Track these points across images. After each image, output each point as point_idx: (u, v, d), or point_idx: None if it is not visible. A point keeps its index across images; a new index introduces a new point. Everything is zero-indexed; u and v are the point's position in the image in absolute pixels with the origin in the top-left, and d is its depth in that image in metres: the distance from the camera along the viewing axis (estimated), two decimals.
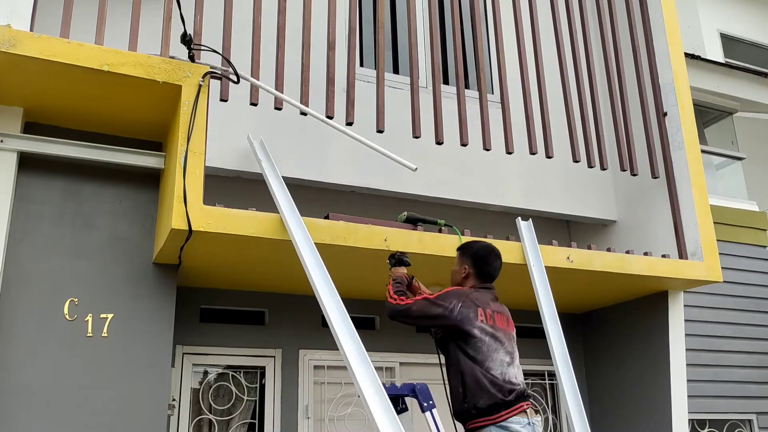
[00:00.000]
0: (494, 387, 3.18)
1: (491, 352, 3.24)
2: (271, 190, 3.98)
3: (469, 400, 3.19)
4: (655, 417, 5.22)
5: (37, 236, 3.84)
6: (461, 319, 3.25)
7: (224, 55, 3.99)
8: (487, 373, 3.20)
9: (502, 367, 3.24)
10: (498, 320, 3.36)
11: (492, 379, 3.19)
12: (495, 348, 3.26)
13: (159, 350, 3.91)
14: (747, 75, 8.02)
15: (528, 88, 4.96)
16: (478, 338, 3.24)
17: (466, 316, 3.26)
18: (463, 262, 3.56)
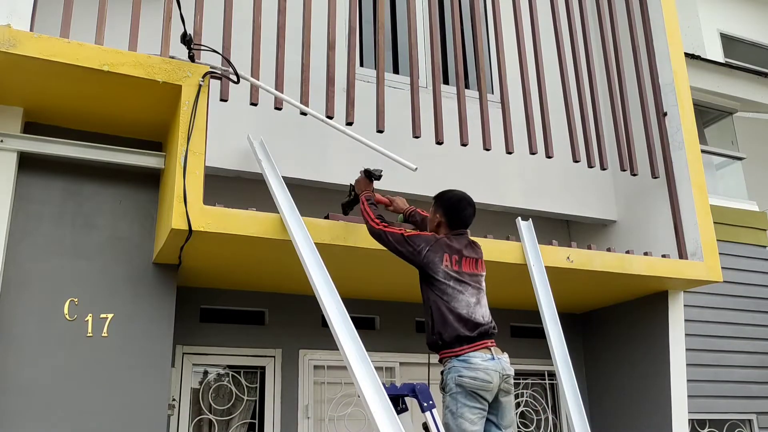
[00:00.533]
0: (459, 322, 3.39)
1: (456, 293, 3.45)
2: (271, 190, 3.98)
3: (436, 332, 3.43)
4: (655, 417, 5.22)
5: (37, 236, 3.84)
6: (426, 263, 3.46)
7: (224, 55, 3.99)
8: (452, 310, 3.41)
9: (468, 307, 3.45)
10: (465, 264, 3.55)
11: (457, 316, 3.40)
12: (460, 290, 3.46)
13: (159, 350, 3.91)
14: (747, 75, 8.02)
15: (528, 88, 4.96)
16: (442, 281, 3.44)
17: (431, 260, 3.45)
18: (436, 211, 3.70)
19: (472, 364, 3.32)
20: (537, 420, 5.77)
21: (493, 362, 3.36)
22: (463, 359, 3.33)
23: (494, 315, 5.73)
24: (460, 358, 3.34)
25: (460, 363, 3.33)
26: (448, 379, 3.34)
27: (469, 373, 3.30)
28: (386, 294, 5.18)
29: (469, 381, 3.29)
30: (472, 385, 3.29)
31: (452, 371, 3.34)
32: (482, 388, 3.31)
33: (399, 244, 3.51)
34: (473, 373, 3.30)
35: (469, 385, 3.29)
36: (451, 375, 3.33)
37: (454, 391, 3.31)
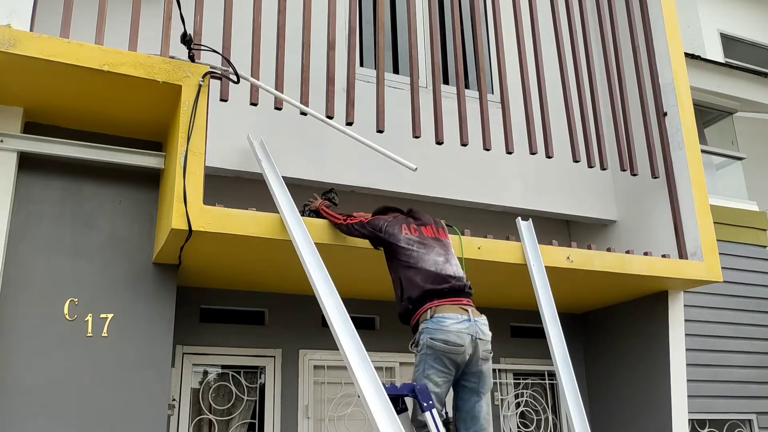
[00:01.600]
0: (427, 279, 3.49)
1: (421, 255, 3.57)
2: (271, 190, 3.98)
3: (405, 297, 3.53)
4: (655, 417, 5.22)
5: (37, 236, 3.84)
6: (388, 236, 3.66)
7: (224, 55, 3.99)
8: (420, 269, 3.52)
9: (436, 265, 3.55)
10: (425, 231, 3.73)
11: (425, 273, 3.51)
12: (424, 252, 3.59)
13: (159, 350, 3.91)
14: (747, 75, 8.02)
15: (528, 88, 4.96)
16: (405, 247, 3.60)
17: (392, 233, 3.66)
18: (387, 212, 3.93)
19: (444, 326, 3.37)
20: (537, 420, 5.77)
21: (467, 324, 3.42)
22: (437, 320, 3.38)
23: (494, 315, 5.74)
24: (433, 318, 3.39)
25: (432, 324, 3.39)
26: (419, 339, 3.42)
27: (440, 335, 3.36)
28: (386, 294, 5.15)
29: (440, 344, 3.35)
30: (443, 348, 3.36)
31: (425, 332, 3.40)
32: (452, 352, 3.37)
33: (362, 228, 3.76)
34: (444, 335, 3.36)
35: (440, 348, 3.36)
36: (423, 336, 3.40)
37: (424, 352, 3.39)
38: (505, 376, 5.77)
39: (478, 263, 4.42)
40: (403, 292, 3.55)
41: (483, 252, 4.42)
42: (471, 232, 4.53)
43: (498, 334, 5.80)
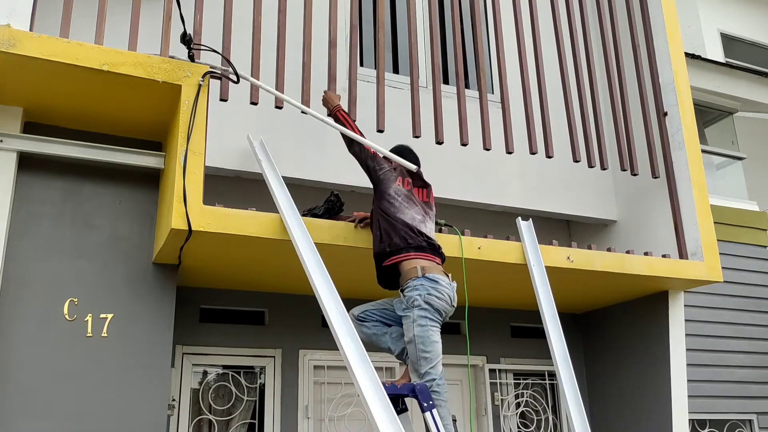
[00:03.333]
0: (405, 228, 3.70)
1: (403, 207, 3.77)
2: (271, 190, 3.98)
3: (385, 240, 3.72)
4: (656, 417, 5.22)
5: (37, 236, 3.84)
6: (382, 179, 3.83)
7: (224, 55, 3.99)
8: (398, 219, 3.73)
9: (413, 221, 3.75)
10: (416, 192, 3.91)
11: (403, 223, 3.71)
12: (406, 206, 3.79)
13: (159, 350, 3.91)
14: (747, 75, 8.02)
15: (528, 88, 4.96)
16: (392, 195, 3.78)
17: (387, 178, 3.84)
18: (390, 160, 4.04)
19: (439, 284, 3.61)
20: (537, 420, 5.77)
21: (452, 287, 3.69)
22: (432, 279, 3.60)
23: (494, 315, 5.77)
24: (426, 277, 3.60)
25: (428, 282, 3.59)
26: (416, 296, 3.57)
27: (436, 293, 3.58)
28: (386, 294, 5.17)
29: (436, 300, 3.57)
30: (438, 304, 3.58)
31: (420, 288, 3.57)
32: (443, 308, 3.62)
33: (369, 159, 3.89)
34: (439, 293, 3.59)
35: (436, 304, 3.58)
36: (420, 292, 3.56)
37: (423, 307, 3.55)
38: (505, 376, 5.77)
39: (478, 263, 4.42)
40: (382, 235, 3.74)
41: (483, 252, 4.42)
42: (471, 232, 4.53)
43: (498, 334, 5.84)
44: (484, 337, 5.59)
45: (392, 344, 3.78)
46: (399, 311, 3.72)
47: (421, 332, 3.53)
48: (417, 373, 3.55)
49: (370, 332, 3.81)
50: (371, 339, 3.80)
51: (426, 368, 3.51)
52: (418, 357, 3.52)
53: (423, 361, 3.51)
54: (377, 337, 3.81)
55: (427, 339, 3.53)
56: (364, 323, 3.82)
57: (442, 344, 3.61)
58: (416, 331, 3.54)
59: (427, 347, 3.52)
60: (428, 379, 3.51)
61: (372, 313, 3.84)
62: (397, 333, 3.76)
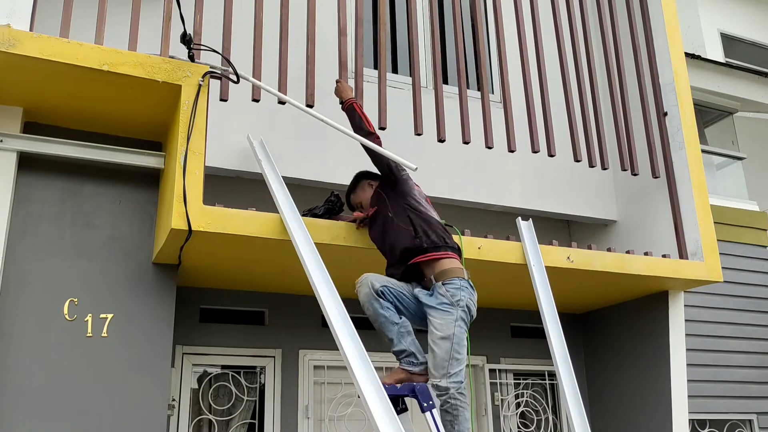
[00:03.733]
0: (441, 229, 3.73)
1: (430, 210, 3.85)
2: (271, 190, 3.98)
3: (421, 235, 3.66)
4: (656, 417, 5.22)
5: (37, 236, 3.84)
6: (407, 180, 3.90)
7: (224, 55, 3.99)
8: (431, 218, 3.75)
9: (438, 219, 3.80)
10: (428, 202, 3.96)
11: (437, 223, 3.75)
12: (428, 206, 3.87)
13: (159, 350, 3.91)
14: (747, 75, 8.02)
15: (529, 88, 4.96)
16: (417, 198, 3.84)
17: (408, 181, 3.92)
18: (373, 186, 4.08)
19: (475, 293, 3.64)
20: (537, 420, 5.77)
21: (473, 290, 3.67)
22: (473, 286, 3.64)
23: (494, 315, 5.77)
24: (467, 280, 3.62)
25: (471, 288, 3.62)
26: (462, 296, 3.55)
27: (474, 300, 3.62)
28: None
29: (473, 307, 3.60)
30: (473, 311, 3.62)
31: (466, 291, 3.57)
32: (473, 317, 3.64)
33: (392, 166, 3.86)
34: (475, 302, 3.63)
35: (473, 311, 3.61)
36: (465, 294, 3.55)
37: (464, 309, 3.54)
38: (505, 376, 5.77)
39: (478, 263, 4.42)
40: (416, 230, 3.67)
41: (483, 252, 4.42)
42: (471, 232, 4.53)
43: (498, 334, 5.84)
44: (484, 337, 5.59)
45: (396, 337, 3.64)
46: (427, 302, 3.57)
47: (460, 333, 3.50)
48: (442, 372, 3.44)
49: (382, 312, 3.59)
50: (379, 320, 3.60)
51: (456, 369, 3.45)
52: (451, 356, 3.45)
53: (455, 362, 3.46)
54: (385, 321, 3.60)
55: (462, 341, 3.50)
56: (382, 299, 3.60)
57: None
58: (456, 330, 3.49)
59: (461, 350, 3.49)
60: (456, 380, 3.44)
61: (391, 291, 3.63)
62: (406, 329, 3.66)
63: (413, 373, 3.60)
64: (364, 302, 3.64)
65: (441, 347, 3.47)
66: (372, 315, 3.62)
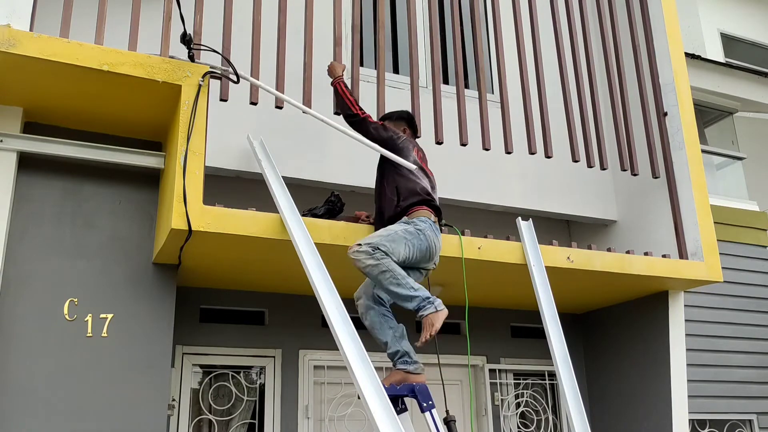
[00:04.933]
0: (424, 193, 3.86)
1: (420, 179, 3.91)
2: (271, 190, 3.98)
3: (402, 202, 3.82)
4: (656, 417, 5.22)
5: (37, 236, 3.84)
6: (403, 148, 3.96)
7: (224, 55, 3.99)
8: (417, 185, 3.87)
9: (426, 189, 3.90)
10: (423, 164, 4.06)
11: (422, 188, 3.87)
12: (422, 176, 3.94)
13: (159, 350, 3.91)
14: (747, 75, 8.02)
15: (528, 88, 4.96)
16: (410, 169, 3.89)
17: (406, 147, 3.98)
18: (400, 125, 4.22)
19: (436, 236, 3.76)
20: (537, 420, 5.77)
21: (434, 227, 3.79)
22: (436, 227, 3.78)
23: (494, 315, 5.77)
24: (433, 223, 3.76)
25: (432, 225, 3.75)
26: (417, 221, 3.71)
27: (434, 238, 3.72)
28: None
29: (430, 241, 3.69)
30: (429, 243, 3.69)
31: (424, 223, 3.71)
32: (429, 252, 3.73)
33: (377, 131, 3.97)
34: (433, 241, 3.71)
35: (428, 242, 3.69)
36: (422, 225, 3.70)
37: (415, 231, 3.66)
38: (505, 376, 5.77)
39: (478, 263, 4.42)
40: (399, 196, 3.83)
41: (483, 252, 4.42)
42: (471, 232, 4.53)
43: (498, 334, 5.84)
44: (484, 337, 5.59)
45: (391, 340, 3.71)
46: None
47: (399, 238, 3.60)
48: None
49: (379, 318, 3.74)
50: (376, 325, 3.74)
51: (373, 241, 3.56)
52: (381, 239, 3.57)
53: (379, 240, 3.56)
54: (382, 325, 3.74)
55: (397, 242, 3.58)
56: (383, 305, 3.78)
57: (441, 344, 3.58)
58: (398, 233, 3.62)
59: (393, 244, 3.56)
60: (369, 242, 3.55)
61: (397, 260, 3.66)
62: (401, 332, 3.74)
63: (409, 372, 3.63)
64: (361, 312, 3.79)
65: (380, 232, 3.68)
66: (371, 324, 3.74)
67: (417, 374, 3.64)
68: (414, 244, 3.65)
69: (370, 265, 3.51)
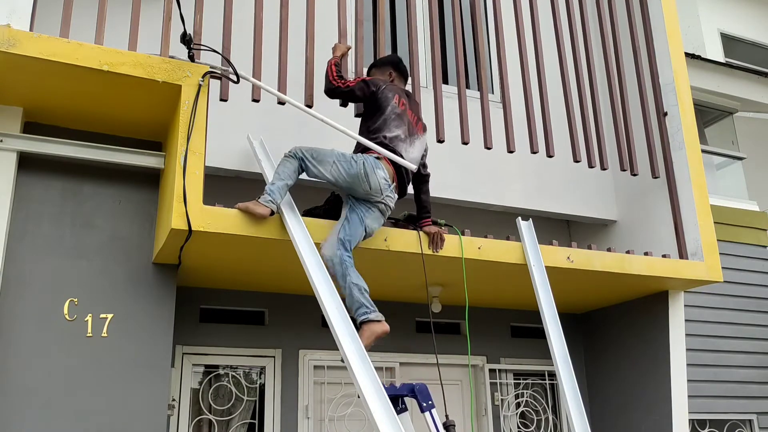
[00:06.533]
0: (390, 142, 3.92)
1: (392, 127, 3.97)
2: None
3: (360, 148, 3.95)
4: (656, 417, 5.22)
5: (37, 236, 3.84)
6: (382, 98, 4.04)
7: (224, 55, 3.99)
8: (386, 135, 3.93)
9: (397, 139, 3.96)
10: (409, 113, 4.14)
11: (384, 136, 3.92)
12: (396, 125, 3.99)
13: (159, 350, 3.91)
14: (747, 75, 8.02)
15: (528, 88, 4.96)
16: (387, 114, 4.00)
17: (386, 96, 4.05)
18: (386, 71, 4.33)
19: (378, 166, 3.81)
20: (537, 420, 5.77)
21: (391, 186, 3.87)
22: (376, 161, 3.82)
23: (494, 315, 5.77)
24: (375, 157, 3.83)
25: (372, 159, 3.81)
26: (357, 156, 3.83)
27: (374, 170, 3.78)
28: (386, 294, 5.18)
29: (355, 168, 3.77)
30: (350, 171, 3.78)
31: (363, 156, 3.82)
32: (376, 192, 3.80)
33: (362, 91, 4.05)
34: (360, 169, 3.76)
35: (353, 170, 3.77)
36: (361, 157, 3.80)
37: (353, 160, 3.80)
38: (505, 376, 5.77)
39: (478, 263, 4.42)
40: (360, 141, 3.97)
41: (483, 252, 4.42)
42: (471, 232, 4.53)
43: (498, 334, 5.84)
44: (484, 337, 5.59)
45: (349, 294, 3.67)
46: None
47: (338, 157, 3.79)
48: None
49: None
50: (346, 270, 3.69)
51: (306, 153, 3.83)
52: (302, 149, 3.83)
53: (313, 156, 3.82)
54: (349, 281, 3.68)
55: (327, 160, 3.79)
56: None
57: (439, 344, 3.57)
58: (334, 154, 3.81)
59: (321, 159, 3.80)
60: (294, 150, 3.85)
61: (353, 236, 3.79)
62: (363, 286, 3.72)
63: (372, 320, 3.60)
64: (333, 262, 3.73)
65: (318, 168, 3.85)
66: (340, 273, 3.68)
67: (379, 321, 3.62)
68: (344, 167, 3.77)
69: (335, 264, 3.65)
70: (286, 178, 3.81)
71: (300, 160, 3.84)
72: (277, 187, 3.76)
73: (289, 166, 3.84)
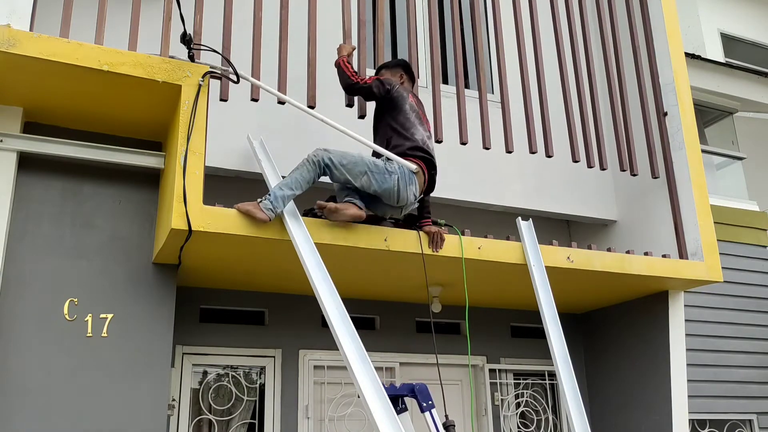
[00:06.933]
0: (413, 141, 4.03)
1: (416, 124, 4.11)
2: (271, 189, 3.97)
3: (392, 144, 4.03)
4: (656, 417, 5.22)
5: (37, 236, 3.84)
6: (397, 96, 4.14)
7: (224, 55, 3.99)
8: (412, 137, 4.05)
9: (423, 136, 4.09)
10: (420, 111, 4.25)
11: (413, 136, 4.04)
12: (419, 123, 4.13)
13: (159, 350, 3.91)
14: (747, 75, 8.02)
15: (528, 88, 4.96)
16: (408, 111, 4.13)
17: (401, 95, 4.17)
18: (396, 72, 4.39)
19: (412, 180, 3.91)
20: (537, 420, 5.77)
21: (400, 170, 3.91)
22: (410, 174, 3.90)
23: (494, 315, 5.77)
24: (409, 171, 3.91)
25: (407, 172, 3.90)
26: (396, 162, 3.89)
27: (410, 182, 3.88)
28: (386, 294, 5.19)
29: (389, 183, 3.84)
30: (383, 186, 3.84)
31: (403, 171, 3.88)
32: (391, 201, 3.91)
33: (379, 89, 4.12)
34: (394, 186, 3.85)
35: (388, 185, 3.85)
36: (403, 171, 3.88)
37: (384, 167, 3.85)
38: (505, 376, 5.77)
39: (478, 263, 4.42)
40: (391, 141, 4.03)
41: (483, 252, 4.42)
42: (471, 232, 4.53)
43: (498, 334, 5.84)
44: (484, 337, 5.60)
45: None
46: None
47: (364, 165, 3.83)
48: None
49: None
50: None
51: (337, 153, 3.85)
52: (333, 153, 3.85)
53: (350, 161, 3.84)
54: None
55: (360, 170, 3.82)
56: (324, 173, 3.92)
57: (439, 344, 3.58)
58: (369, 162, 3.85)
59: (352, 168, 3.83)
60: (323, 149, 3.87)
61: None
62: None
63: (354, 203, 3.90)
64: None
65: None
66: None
67: (361, 209, 3.90)
68: (377, 179, 3.84)
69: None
70: (296, 188, 3.78)
71: (323, 167, 3.81)
72: (282, 196, 3.74)
73: (306, 174, 3.80)
